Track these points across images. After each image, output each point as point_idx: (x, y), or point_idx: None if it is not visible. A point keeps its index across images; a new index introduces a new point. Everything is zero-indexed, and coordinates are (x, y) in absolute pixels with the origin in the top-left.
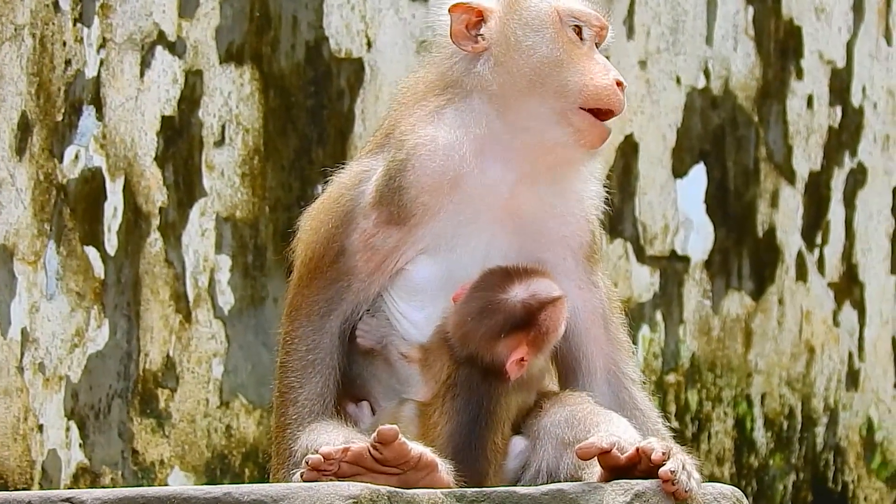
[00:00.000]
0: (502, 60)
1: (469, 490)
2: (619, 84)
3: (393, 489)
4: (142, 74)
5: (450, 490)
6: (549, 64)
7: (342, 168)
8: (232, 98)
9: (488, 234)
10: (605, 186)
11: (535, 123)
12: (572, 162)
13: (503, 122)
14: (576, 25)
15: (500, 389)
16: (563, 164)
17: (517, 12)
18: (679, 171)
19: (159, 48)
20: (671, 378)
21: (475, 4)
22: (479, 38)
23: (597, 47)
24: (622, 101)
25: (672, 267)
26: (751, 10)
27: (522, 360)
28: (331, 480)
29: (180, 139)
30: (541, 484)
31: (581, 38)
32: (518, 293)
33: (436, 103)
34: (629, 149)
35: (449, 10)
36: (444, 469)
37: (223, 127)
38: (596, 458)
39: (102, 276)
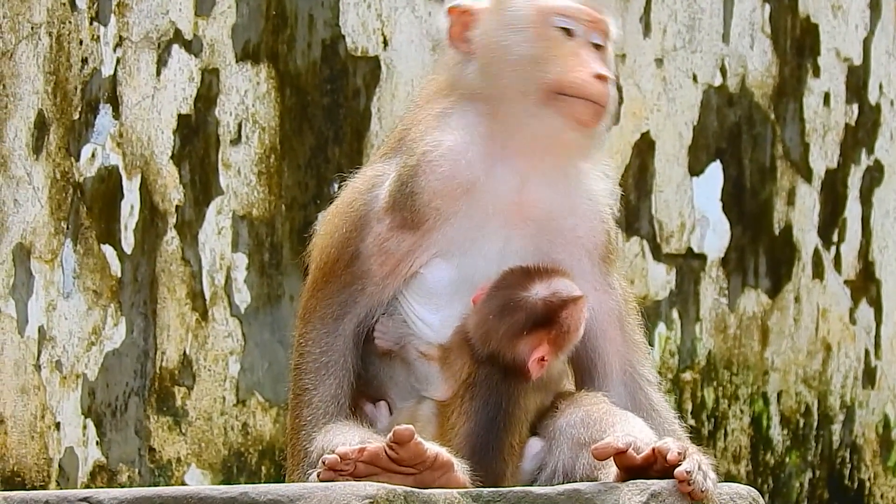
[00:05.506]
0: (485, 63)
1: (485, 490)
2: (601, 77)
3: (409, 489)
4: (158, 73)
5: (466, 490)
6: (526, 62)
7: (356, 172)
8: (248, 96)
9: (502, 237)
10: (620, 185)
11: (524, 119)
12: (572, 147)
13: (496, 123)
14: (562, 22)
15: (520, 390)
16: (564, 153)
17: (499, 14)
18: (695, 168)
19: (175, 46)
20: (687, 376)
21: (467, 7)
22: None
23: (603, 42)
24: (603, 93)
25: (688, 265)
26: (767, 7)
27: (543, 358)
28: (347, 480)
29: (196, 137)
30: (557, 484)
31: (571, 35)
32: (539, 291)
33: (443, 106)
34: (645, 146)
35: (447, 12)
36: (460, 469)
37: (239, 125)
38: (612, 458)
39: (119, 275)
